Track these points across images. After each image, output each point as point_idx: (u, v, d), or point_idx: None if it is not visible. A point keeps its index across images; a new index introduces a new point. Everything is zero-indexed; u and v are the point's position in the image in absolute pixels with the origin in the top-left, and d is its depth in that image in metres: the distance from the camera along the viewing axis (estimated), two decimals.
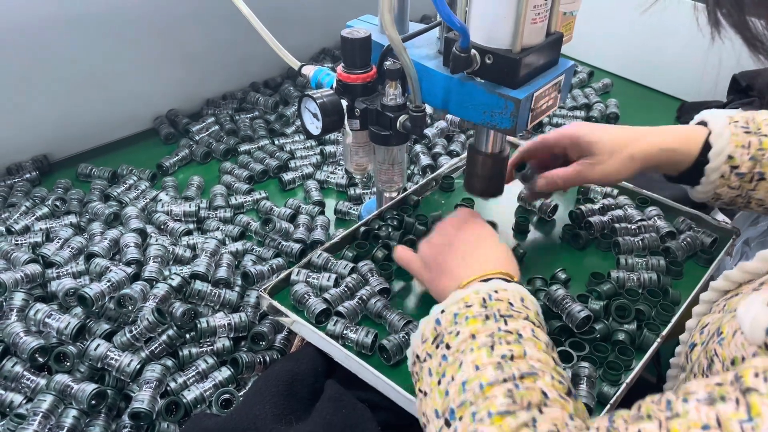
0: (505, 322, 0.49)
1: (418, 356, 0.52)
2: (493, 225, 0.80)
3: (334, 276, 0.70)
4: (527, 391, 0.42)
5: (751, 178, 0.69)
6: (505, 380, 0.43)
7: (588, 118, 1.24)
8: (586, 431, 0.39)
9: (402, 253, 0.69)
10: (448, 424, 0.44)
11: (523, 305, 0.52)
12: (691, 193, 0.75)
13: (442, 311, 0.52)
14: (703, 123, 0.73)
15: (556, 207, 0.83)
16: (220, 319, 0.71)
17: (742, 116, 0.71)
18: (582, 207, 0.83)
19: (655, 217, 0.82)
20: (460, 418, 0.43)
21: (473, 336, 0.48)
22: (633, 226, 0.79)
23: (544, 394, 0.42)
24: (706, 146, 0.70)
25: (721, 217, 0.94)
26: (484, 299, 0.51)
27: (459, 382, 0.45)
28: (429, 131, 1.13)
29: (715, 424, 0.32)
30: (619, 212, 0.82)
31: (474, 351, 0.47)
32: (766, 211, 0.73)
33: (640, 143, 0.70)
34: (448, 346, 0.49)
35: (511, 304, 0.51)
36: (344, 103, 0.68)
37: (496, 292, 0.52)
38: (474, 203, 0.85)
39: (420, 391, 0.50)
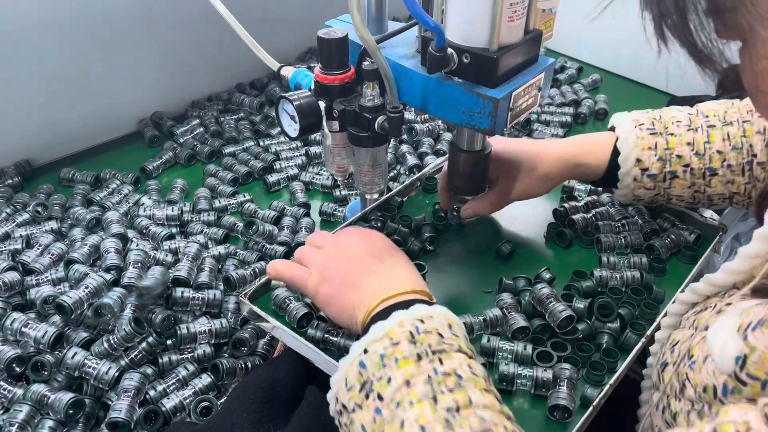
0: (440, 362, 0.45)
1: (344, 406, 0.47)
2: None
3: None
4: None
5: (664, 177, 0.71)
6: None
7: (577, 115, 1.23)
8: None
9: (283, 267, 0.61)
10: None
11: (452, 333, 0.48)
12: (615, 195, 0.78)
13: (365, 351, 0.47)
14: (614, 128, 0.74)
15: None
16: (200, 325, 0.70)
17: (648, 117, 0.72)
18: (566, 204, 0.82)
19: (638, 215, 0.81)
20: None
21: (408, 383, 0.43)
22: (616, 224, 0.79)
23: None
24: (616, 152, 0.72)
25: (708, 213, 0.93)
26: (411, 333, 0.47)
27: None
28: (417, 127, 1.13)
29: None
30: (602, 210, 0.81)
31: (414, 405, 0.42)
32: (689, 205, 0.75)
33: (552, 161, 0.74)
34: (380, 397, 0.44)
35: (440, 335, 0.47)
36: (322, 104, 0.67)
37: (422, 321, 0.48)
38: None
39: None
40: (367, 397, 0.45)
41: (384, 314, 0.50)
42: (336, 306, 0.56)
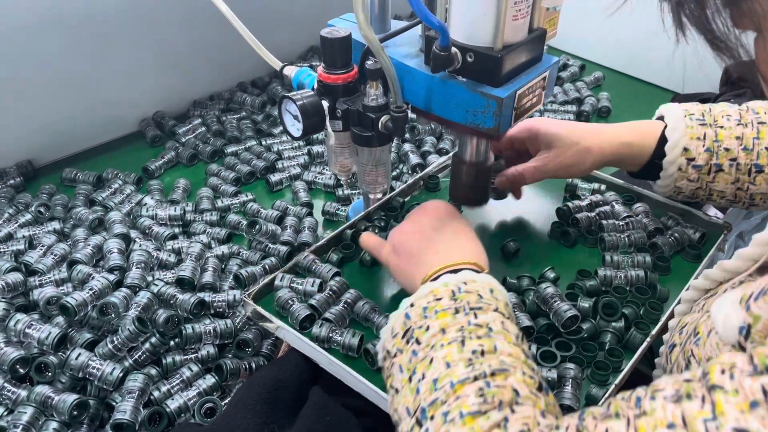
0: (475, 315, 0.49)
1: (388, 351, 0.52)
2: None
3: (318, 281, 0.69)
4: (498, 390, 0.42)
5: (709, 170, 0.70)
6: (476, 378, 0.43)
7: (579, 113, 1.23)
8: (556, 430, 0.38)
9: (369, 238, 0.69)
10: (419, 423, 0.43)
11: (492, 296, 0.52)
12: (654, 188, 0.77)
13: (412, 305, 0.52)
14: (662, 117, 0.74)
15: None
16: (205, 325, 0.70)
17: (698, 109, 0.72)
18: (569, 204, 0.82)
19: (643, 213, 0.81)
20: (432, 418, 0.43)
21: (443, 330, 0.48)
22: (620, 223, 0.78)
23: (516, 391, 0.42)
24: (663, 140, 0.71)
25: (713, 212, 0.93)
26: (453, 292, 0.51)
27: (430, 379, 0.45)
28: (419, 126, 1.13)
29: (681, 422, 0.32)
30: (606, 208, 0.81)
31: (444, 347, 0.46)
32: (729, 203, 0.74)
33: (597, 137, 0.73)
34: (418, 341, 0.48)
35: (480, 296, 0.51)
36: (325, 104, 0.66)
37: (465, 283, 0.52)
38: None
39: (391, 387, 0.50)
40: (407, 342, 0.49)
41: (436, 279, 0.55)
42: (402, 275, 0.62)
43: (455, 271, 0.55)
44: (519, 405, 0.41)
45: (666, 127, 0.71)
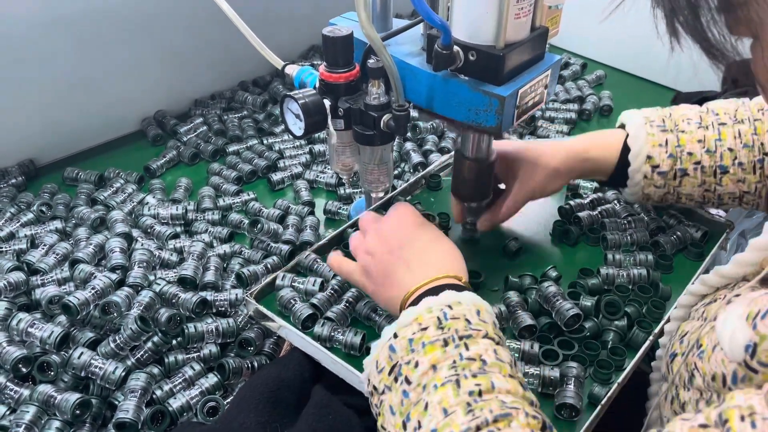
0: (466, 347, 0.46)
1: (375, 387, 0.49)
2: (430, 217, 0.76)
3: (319, 280, 0.69)
4: None
5: (674, 175, 0.70)
6: (478, 428, 0.40)
7: (581, 111, 1.23)
8: None
9: (338, 261, 0.64)
10: None
11: (479, 319, 0.49)
12: (623, 195, 0.77)
13: (395, 335, 0.49)
14: (624, 126, 0.74)
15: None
16: (207, 324, 0.70)
17: (658, 115, 0.72)
18: (571, 202, 0.82)
19: (644, 212, 0.81)
20: None
21: (434, 367, 0.45)
22: (622, 221, 0.78)
23: None
24: (626, 149, 0.71)
25: (714, 210, 0.92)
26: (439, 319, 0.48)
27: (428, 429, 0.42)
28: (420, 124, 1.12)
29: None
30: (608, 207, 0.81)
31: (438, 389, 0.43)
32: (698, 205, 0.74)
33: (561, 157, 0.72)
34: (407, 380, 0.45)
35: (468, 321, 0.48)
36: (327, 102, 0.66)
37: (450, 308, 0.49)
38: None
39: (382, 428, 0.47)
40: (396, 380, 0.46)
41: (416, 301, 0.52)
42: (380, 298, 0.59)
43: (435, 289, 0.52)
44: None
45: (628, 135, 0.71)
